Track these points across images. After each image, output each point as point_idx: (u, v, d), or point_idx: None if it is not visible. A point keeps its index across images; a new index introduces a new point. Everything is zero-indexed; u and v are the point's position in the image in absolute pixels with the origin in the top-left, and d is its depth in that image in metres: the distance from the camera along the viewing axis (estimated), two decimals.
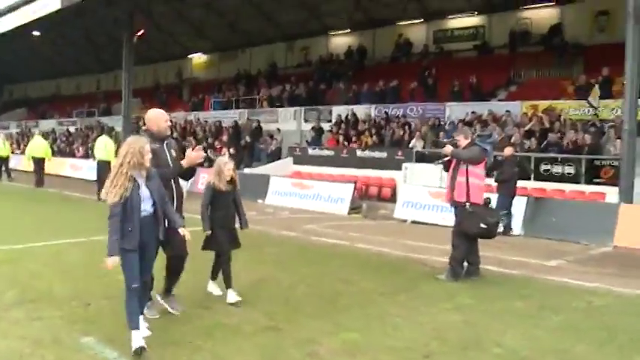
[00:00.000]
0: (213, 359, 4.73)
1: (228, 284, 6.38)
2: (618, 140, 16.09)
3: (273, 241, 10.84)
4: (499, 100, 21.72)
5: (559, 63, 22.28)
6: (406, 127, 20.41)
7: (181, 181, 5.94)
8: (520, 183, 14.93)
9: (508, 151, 13.57)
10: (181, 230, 5.16)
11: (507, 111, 19.72)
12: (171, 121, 6.18)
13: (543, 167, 15.73)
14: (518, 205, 13.28)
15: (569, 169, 15.32)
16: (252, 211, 13.43)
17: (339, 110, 24.05)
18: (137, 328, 4.81)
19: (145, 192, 4.93)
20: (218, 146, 23.35)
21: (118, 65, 27.19)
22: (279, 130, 24.58)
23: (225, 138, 24.00)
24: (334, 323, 5.75)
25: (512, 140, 17.38)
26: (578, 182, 15.12)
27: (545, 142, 16.70)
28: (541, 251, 10.97)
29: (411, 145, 19.02)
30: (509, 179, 12.98)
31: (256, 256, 8.80)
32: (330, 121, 24.14)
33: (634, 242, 11.66)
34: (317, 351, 4.98)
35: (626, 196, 12.56)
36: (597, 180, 14.82)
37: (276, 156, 22.44)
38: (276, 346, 5.07)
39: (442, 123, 20.74)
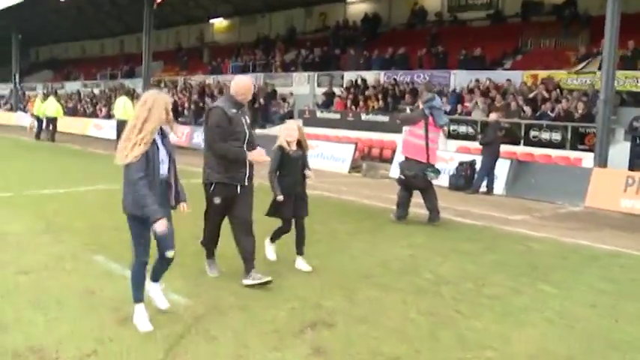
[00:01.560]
0: (196, 272, 5.97)
1: (299, 250, 6.37)
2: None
3: (269, 191, 12.05)
4: (504, 69, 22.49)
5: (566, 33, 22.89)
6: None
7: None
8: (510, 147, 16.04)
9: (493, 116, 14.62)
10: (182, 205, 4.74)
11: (508, 80, 20.58)
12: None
13: (533, 133, 16.68)
14: (502, 167, 14.31)
15: (556, 136, 16.27)
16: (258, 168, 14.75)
17: (350, 75, 25.05)
18: (141, 300, 4.61)
19: (162, 152, 4.50)
20: None
21: (141, 28, 28.22)
22: (291, 93, 25.64)
23: None
24: None
25: (511, 107, 18.31)
26: (564, 148, 16.06)
27: (540, 111, 17.60)
28: (513, 208, 12.05)
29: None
30: (492, 142, 13.99)
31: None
32: (342, 85, 25.14)
33: (603, 203, 12.69)
34: (279, 270, 6.21)
35: (600, 161, 13.52)
36: (581, 146, 15.74)
37: (287, 118, 23.53)
38: None
39: (447, 90, 21.68)
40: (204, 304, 5.05)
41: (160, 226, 4.27)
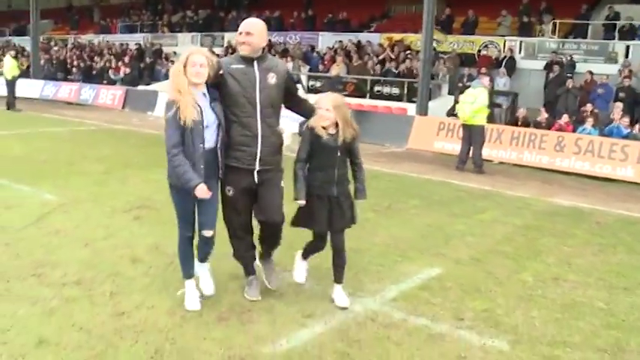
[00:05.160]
0: (64, 181, 8.28)
1: (337, 278, 4.66)
2: (445, 69, 20.15)
3: (135, 133, 14.37)
4: (369, 32, 25.29)
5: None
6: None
7: (285, 122, 4.60)
8: (358, 100, 18.89)
9: (334, 71, 17.34)
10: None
11: (368, 41, 23.41)
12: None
13: (377, 88, 19.60)
14: None
15: (396, 90, 19.24)
16: (134, 118, 17.07)
17: (230, 37, 27.15)
18: (191, 276, 4.47)
19: (209, 116, 4.11)
20: (120, 65, 26.12)
21: None
22: (175, 53, 27.52)
23: (127, 59, 26.75)
24: None
25: (367, 67, 21.09)
26: (402, 100, 19.05)
27: (385, 68, 20.50)
28: None
29: None
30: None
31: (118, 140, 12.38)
32: (222, 45, 27.22)
33: (421, 144, 15.64)
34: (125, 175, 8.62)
35: (421, 110, 16.50)
36: (415, 99, 18.69)
37: None
38: None
39: (316, 50, 24.26)
40: (67, 198, 7.44)
41: (200, 191, 4.00)
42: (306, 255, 4.82)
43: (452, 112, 16.11)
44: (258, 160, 4.33)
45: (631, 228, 7.90)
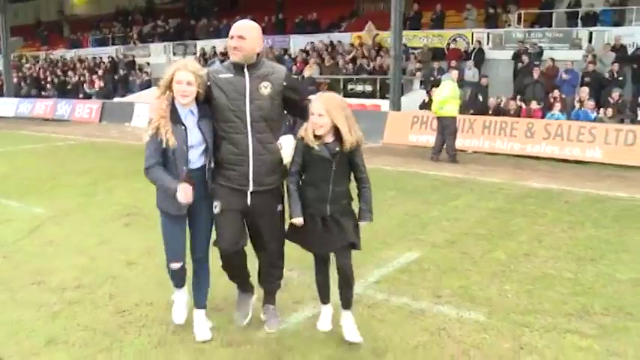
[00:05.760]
0: (50, 194, 8.51)
1: (343, 302, 4.13)
2: (418, 64, 20.58)
3: (115, 145, 14.60)
4: (339, 32, 25.67)
5: None
6: None
7: (285, 138, 3.97)
8: None
9: (307, 72, 17.67)
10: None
11: (339, 41, 23.77)
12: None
13: (350, 86, 19.98)
14: None
15: (368, 88, 19.63)
16: (112, 130, 17.26)
17: (203, 44, 27.39)
18: (178, 287, 4.30)
19: (195, 136, 3.76)
20: (95, 79, 26.21)
21: None
22: (148, 63, 27.68)
23: (100, 72, 26.87)
24: None
25: (339, 65, 21.45)
26: (375, 97, 19.43)
27: (357, 66, 20.87)
28: None
29: None
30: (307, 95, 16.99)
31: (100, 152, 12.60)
32: (195, 54, 27.41)
33: (396, 139, 16.02)
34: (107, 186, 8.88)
35: (394, 106, 16.90)
36: (389, 95, 19.10)
37: (146, 87, 25.61)
38: None
39: (288, 52, 24.58)
40: (56, 210, 7.69)
41: (181, 191, 3.63)
42: (321, 296, 4.20)
43: (424, 105, 16.53)
44: (251, 180, 3.84)
45: (598, 205, 8.33)
